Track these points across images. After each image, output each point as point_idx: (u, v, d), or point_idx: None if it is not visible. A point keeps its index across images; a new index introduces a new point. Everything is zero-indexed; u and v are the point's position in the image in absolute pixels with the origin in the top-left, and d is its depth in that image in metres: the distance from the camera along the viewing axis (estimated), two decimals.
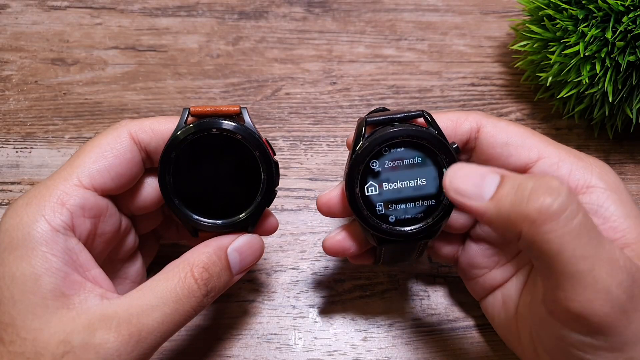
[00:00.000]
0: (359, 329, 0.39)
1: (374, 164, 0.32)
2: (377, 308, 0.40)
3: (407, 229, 0.32)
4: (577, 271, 0.24)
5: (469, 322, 0.39)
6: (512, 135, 0.32)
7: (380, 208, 0.32)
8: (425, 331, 0.39)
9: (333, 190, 0.34)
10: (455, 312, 0.39)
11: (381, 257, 0.35)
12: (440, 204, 0.32)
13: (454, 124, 0.33)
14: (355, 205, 0.32)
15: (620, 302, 0.25)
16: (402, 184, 0.32)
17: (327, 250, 0.35)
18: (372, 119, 0.32)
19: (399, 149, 0.32)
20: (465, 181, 0.27)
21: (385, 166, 0.32)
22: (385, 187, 0.32)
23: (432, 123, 0.32)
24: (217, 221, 0.32)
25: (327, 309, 0.39)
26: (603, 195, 0.29)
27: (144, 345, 0.27)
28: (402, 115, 0.32)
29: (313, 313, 0.39)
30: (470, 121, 0.33)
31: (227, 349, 0.38)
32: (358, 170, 0.31)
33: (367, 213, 0.32)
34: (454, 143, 0.32)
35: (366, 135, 0.32)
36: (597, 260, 0.24)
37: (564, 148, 0.32)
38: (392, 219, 0.32)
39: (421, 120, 0.32)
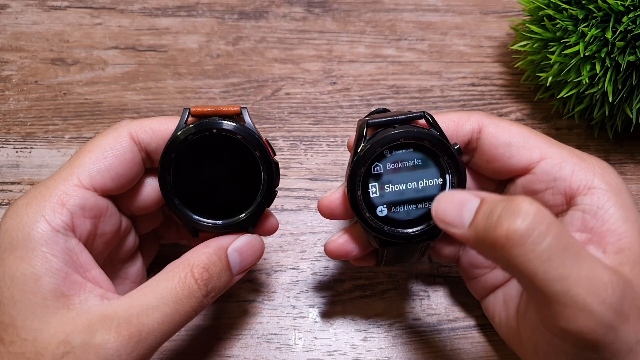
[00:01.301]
0: (359, 329, 0.39)
1: (376, 166, 0.32)
2: (377, 308, 0.40)
3: (409, 230, 0.32)
4: (554, 292, 0.24)
5: (469, 322, 0.39)
6: (514, 136, 0.32)
7: (382, 210, 0.32)
8: (425, 331, 0.39)
9: (334, 192, 0.34)
10: (455, 312, 0.39)
11: (383, 259, 0.35)
12: None
13: (455, 124, 0.33)
14: (357, 208, 0.32)
15: (605, 319, 0.24)
16: (404, 186, 0.32)
17: (330, 254, 0.35)
18: (373, 120, 0.32)
19: (400, 151, 0.32)
20: (448, 209, 0.27)
21: (387, 168, 0.32)
22: (387, 189, 0.32)
23: (433, 124, 0.32)
24: (217, 221, 0.32)
25: (327, 309, 0.39)
26: (604, 197, 0.29)
27: (144, 346, 0.27)
28: (404, 116, 0.32)
29: (313, 313, 0.39)
30: (471, 122, 0.33)
31: (227, 349, 0.38)
32: (360, 173, 0.31)
33: (369, 215, 0.32)
34: (455, 144, 0.32)
35: (367, 138, 0.32)
36: (574, 280, 0.24)
37: (567, 148, 0.32)
38: (394, 221, 0.32)
39: (422, 121, 0.32)
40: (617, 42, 0.38)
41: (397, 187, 0.32)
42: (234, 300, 0.40)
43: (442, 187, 0.32)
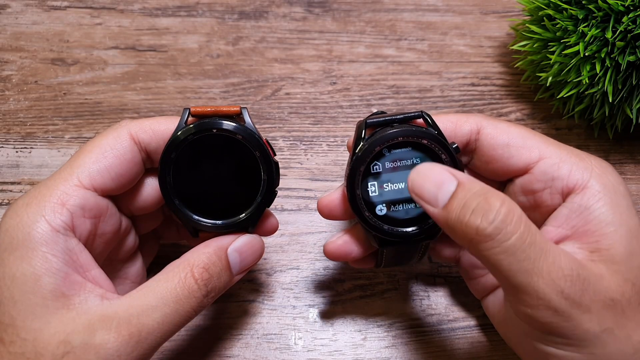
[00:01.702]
0: (359, 329, 0.39)
1: (375, 165, 0.32)
2: (377, 308, 0.40)
3: (409, 229, 0.32)
4: (516, 283, 0.26)
5: (469, 322, 0.39)
6: (512, 137, 0.32)
7: (381, 209, 0.32)
8: (425, 331, 0.39)
9: (333, 192, 0.34)
10: (455, 312, 0.39)
11: (383, 260, 0.35)
12: None
13: (454, 125, 0.33)
14: (356, 207, 0.32)
15: (561, 308, 0.26)
16: (403, 185, 0.32)
17: (329, 255, 0.35)
18: (372, 120, 0.32)
19: (399, 150, 0.32)
20: (425, 186, 0.28)
21: (386, 167, 0.32)
22: (386, 188, 0.32)
23: (431, 123, 0.32)
24: (217, 221, 0.32)
25: (327, 309, 0.39)
26: (594, 197, 0.29)
27: (144, 346, 0.27)
28: (402, 116, 0.32)
29: (313, 313, 0.39)
30: (470, 123, 0.33)
31: (227, 349, 0.38)
32: (359, 172, 0.32)
33: (369, 214, 0.32)
34: (453, 143, 0.32)
35: (366, 137, 0.32)
36: (534, 272, 0.26)
37: (566, 148, 0.32)
38: (393, 219, 0.32)
39: (420, 121, 0.33)
40: (617, 42, 0.38)
41: (396, 186, 0.32)
42: (234, 300, 0.40)
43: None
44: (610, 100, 0.40)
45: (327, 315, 0.39)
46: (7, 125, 0.47)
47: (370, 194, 0.32)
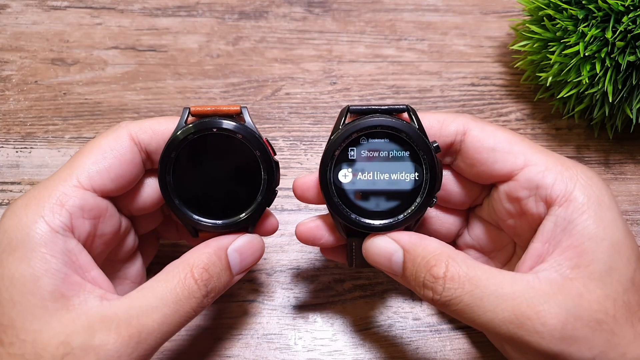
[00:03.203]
0: (359, 330, 0.39)
1: (351, 152, 0.32)
2: (377, 308, 0.40)
3: (376, 222, 0.32)
4: (494, 331, 0.27)
5: None
6: (499, 141, 0.31)
7: (351, 197, 0.32)
8: (425, 331, 0.39)
9: (310, 174, 0.34)
10: None
11: (353, 257, 0.34)
12: (413, 201, 0.32)
13: (440, 124, 0.33)
14: (326, 190, 0.32)
15: (552, 350, 0.27)
16: (376, 176, 0.32)
17: (299, 236, 0.34)
18: (355, 107, 0.32)
19: (377, 140, 0.31)
20: (379, 259, 0.31)
21: (362, 155, 0.32)
22: (359, 177, 0.32)
23: (415, 119, 0.32)
24: (218, 221, 0.32)
25: (327, 309, 0.39)
26: (578, 210, 0.29)
27: (144, 346, 0.27)
28: (386, 107, 0.32)
29: (313, 313, 0.39)
30: (457, 123, 0.32)
31: (227, 349, 0.38)
32: (333, 156, 0.31)
33: (337, 200, 0.32)
34: (434, 142, 0.32)
35: (346, 123, 0.32)
36: (503, 321, 0.27)
37: (553, 155, 0.31)
38: (362, 210, 0.32)
39: (406, 115, 0.32)
40: (617, 42, 0.38)
41: (369, 176, 0.32)
42: (234, 300, 0.40)
43: (416, 183, 0.32)
44: (610, 100, 0.40)
45: (327, 315, 0.39)
46: (7, 125, 0.47)
47: (342, 181, 0.32)
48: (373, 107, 0.32)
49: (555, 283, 0.27)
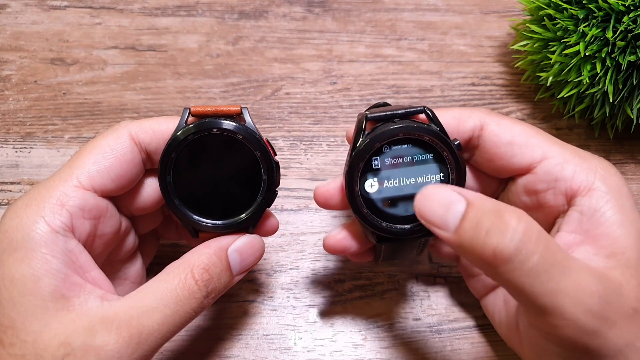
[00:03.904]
0: (359, 329, 0.39)
1: (375, 161, 0.32)
2: (377, 308, 0.39)
3: (407, 226, 0.32)
4: (541, 305, 0.25)
5: (470, 323, 0.39)
6: (516, 134, 0.32)
7: (380, 206, 0.32)
8: (426, 331, 0.39)
9: (332, 181, 0.34)
10: (455, 313, 0.39)
11: (381, 255, 0.35)
12: None
13: (457, 121, 0.33)
14: (354, 203, 0.32)
15: (590, 327, 0.25)
16: (402, 182, 0.32)
17: (328, 249, 0.34)
18: (373, 115, 0.32)
19: (399, 146, 0.31)
20: (433, 209, 0.27)
21: (386, 163, 0.32)
22: (386, 185, 0.32)
23: (433, 119, 0.32)
24: (218, 222, 0.32)
25: (327, 309, 0.39)
26: (602, 199, 0.29)
27: (145, 347, 0.27)
28: (404, 111, 0.32)
29: (313, 313, 0.39)
30: (473, 119, 0.33)
31: (227, 349, 0.38)
32: (358, 168, 0.31)
33: (367, 211, 0.32)
34: (455, 139, 0.32)
35: (367, 132, 0.32)
36: (560, 293, 0.25)
37: (570, 148, 0.31)
38: (391, 216, 0.32)
39: (423, 116, 0.32)
40: (618, 41, 0.38)
41: (395, 183, 0.32)
42: (234, 301, 0.40)
43: (442, 184, 0.32)
44: (611, 100, 0.40)
45: (327, 315, 0.39)
46: (7, 125, 0.47)
47: (369, 191, 0.32)
48: (391, 112, 0.32)
49: (596, 270, 0.27)
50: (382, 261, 0.36)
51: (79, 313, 0.27)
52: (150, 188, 0.33)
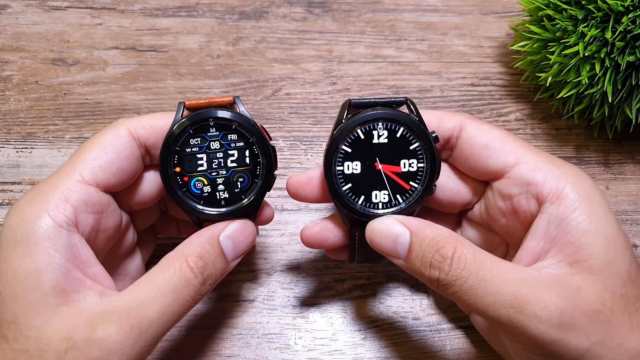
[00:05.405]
0: (359, 329, 0.39)
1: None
2: (377, 308, 0.40)
3: (380, 211, 0.33)
4: (491, 317, 0.28)
5: (469, 322, 0.39)
6: (492, 139, 0.32)
7: None
8: (425, 331, 0.39)
9: (303, 172, 0.35)
10: (455, 312, 0.39)
11: (356, 252, 0.35)
12: (415, 190, 0.33)
13: (437, 120, 0.34)
14: (332, 183, 0.32)
15: (546, 336, 0.27)
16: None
17: (305, 241, 0.35)
18: (356, 100, 0.33)
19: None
20: (383, 242, 0.31)
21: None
22: None
23: (414, 111, 0.33)
24: (222, 209, 0.33)
25: (327, 309, 0.40)
26: (570, 207, 0.29)
27: (146, 337, 0.27)
28: (386, 99, 0.33)
29: (313, 313, 0.39)
30: (453, 121, 0.34)
31: (228, 348, 0.38)
32: (338, 150, 0.32)
33: (342, 191, 0.33)
34: (433, 132, 0.33)
35: (349, 116, 0.32)
36: (502, 304, 0.27)
37: (543, 155, 0.32)
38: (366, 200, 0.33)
39: (405, 108, 0.33)
40: (617, 42, 0.39)
41: None
42: (234, 300, 0.40)
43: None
44: (610, 100, 0.40)
45: (327, 315, 0.39)
46: (8, 125, 0.47)
47: (346, 172, 0.33)
48: (374, 99, 0.33)
49: (555, 277, 0.28)
50: (357, 262, 0.36)
51: (79, 308, 0.27)
52: (149, 182, 0.34)
